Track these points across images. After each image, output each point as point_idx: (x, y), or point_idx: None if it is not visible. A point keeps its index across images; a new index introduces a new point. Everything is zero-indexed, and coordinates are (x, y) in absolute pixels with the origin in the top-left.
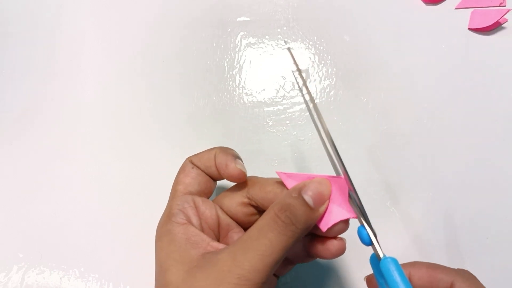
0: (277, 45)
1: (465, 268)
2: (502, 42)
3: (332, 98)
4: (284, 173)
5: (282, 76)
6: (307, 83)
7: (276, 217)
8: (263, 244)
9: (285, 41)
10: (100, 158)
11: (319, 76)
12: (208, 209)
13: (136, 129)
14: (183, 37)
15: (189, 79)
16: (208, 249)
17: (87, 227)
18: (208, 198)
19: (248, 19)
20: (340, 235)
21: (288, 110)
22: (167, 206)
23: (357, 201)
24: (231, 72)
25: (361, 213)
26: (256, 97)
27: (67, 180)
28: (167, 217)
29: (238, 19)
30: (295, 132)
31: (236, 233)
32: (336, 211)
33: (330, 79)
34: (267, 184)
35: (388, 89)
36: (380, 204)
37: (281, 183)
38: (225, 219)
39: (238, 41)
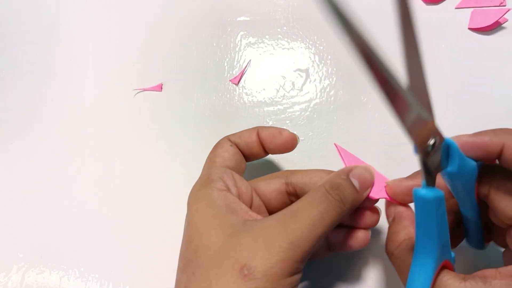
0: (277, 45)
1: None
2: (502, 42)
3: (332, 98)
4: (341, 147)
5: (282, 76)
6: (308, 83)
7: (327, 193)
8: (314, 215)
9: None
10: (100, 158)
11: (319, 76)
12: (244, 186)
13: (136, 129)
14: (183, 37)
15: (189, 79)
16: (248, 217)
17: (87, 227)
18: None
19: (248, 19)
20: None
21: (288, 110)
22: (203, 174)
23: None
24: (231, 72)
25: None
26: (256, 97)
27: (67, 180)
28: (206, 182)
29: (238, 19)
30: (295, 132)
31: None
32: (378, 191)
33: (330, 79)
34: (310, 171)
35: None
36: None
37: (324, 171)
38: (257, 201)
39: (238, 41)
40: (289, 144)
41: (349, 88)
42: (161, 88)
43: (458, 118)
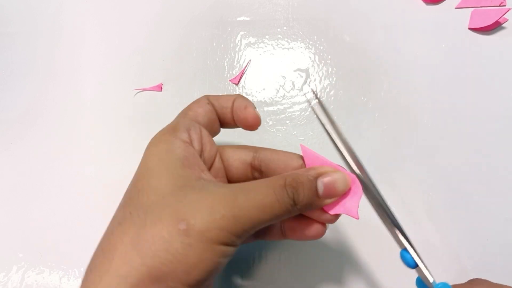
0: (277, 45)
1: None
2: (502, 41)
3: (332, 98)
4: (307, 148)
5: (282, 76)
6: (308, 83)
7: (283, 186)
8: (266, 201)
9: (313, 92)
10: (100, 158)
11: (319, 75)
12: (209, 144)
13: (136, 129)
14: (183, 37)
15: (189, 79)
16: (202, 176)
17: (87, 227)
18: None
19: (248, 18)
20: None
21: (288, 110)
22: (172, 122)
23: (394, 223)
24: (231, 72)
25: (402, 233)
26: (256, 97)
27: (67, 180)
28: (171, 130)
29: (238, 19)
30: (295, 132)
31: (222, 182)
32: (347, 204)
33: (330, 79)
34: (281, 151)
35: (388, 89)
36: None
37: (295, 154)
38: (218, 164)
39: (238, 41)
40: (250, 121)
41: (349, 88)
42: (161, 88)
43: (458, 118)
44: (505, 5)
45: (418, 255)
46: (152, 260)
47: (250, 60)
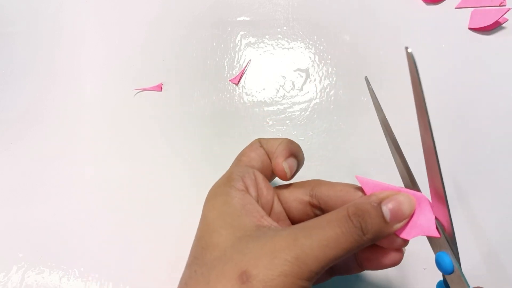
0: (277, 45)
1: None
2: (502, 41)
3: (332, 98)
4: (364, 178)
5: (282, 76)
6: (308, 83)
7: (348, 217)
8: (329, 236)
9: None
10: (99, 158)
11: (319, 75)
12: (265, 188)
13: (136, 129)
14: (183, 37)
15: (189, 79)
16: (262, 222)
17: (87, 227)
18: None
19: (248, 18)
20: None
21: (288, 110)
22: (227, 172)
23: (449, 228)
24: (231, 72)
25: (446, 239)
26: (256, 97)
27: (67, 180)
28: (226, 180)
29: (238, 19)
30: (295, 132)
31: (285, 225)
32: (420, 223)
33: (330, 79)
34: (337, 184)
35: (388, 89)
36: None
37: (352, 185)
38: (278, 207)
39: (238, 41)
40: (276, 173)
41: (349, 88)
42: (161, 88)
43: (458, 118)
44: (505, 5)
45: (458, 259)
46: None
47: (250, 60)
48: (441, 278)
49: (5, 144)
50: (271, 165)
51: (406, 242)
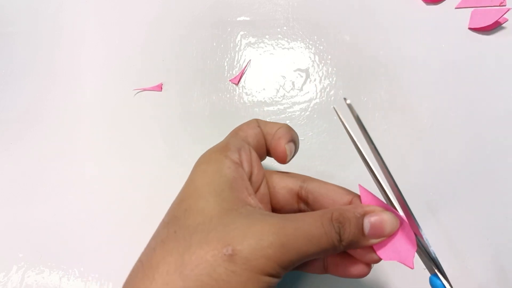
0: (277, 45)
1: None
2: (502, 41)
3: (332, 98)
4: (365, 189)
5: (282, 76)
6: (308, 83)
7: (331, 221)
8: (314, 233)
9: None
10: (99, 158)
11: (319, 75)
12: (257, 168)
13: (136, 129)
14: (183, 37)
15: (189, 79)
16: (249, 200)
17: (87, 227)
18: None
19: (248, 18)
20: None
21: (288, 110)
22: (223, 141)
23: (425, 247)
24: (231, 72)
25: (432, 260)
26: (256, 97)
27: (67, 180)
28: (222, 149)
29: (238, 19)
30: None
31: (266, 209)
32: (400, 250)
33: (330, 79)
34: (330, 184)
35: (388, 89)
36: None
37: (344, 188)
38: (264, 189)
39: (238, 41)
40: (276, 154)
41: (349, 88)
42: (161, 88)
43: (458, 118)
44: (505, 5)
45: (449, 282)
46: (194, 284)
47: (250, 60)
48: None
49: (5, 144)
50: (270, 146)
51: (378, 259)
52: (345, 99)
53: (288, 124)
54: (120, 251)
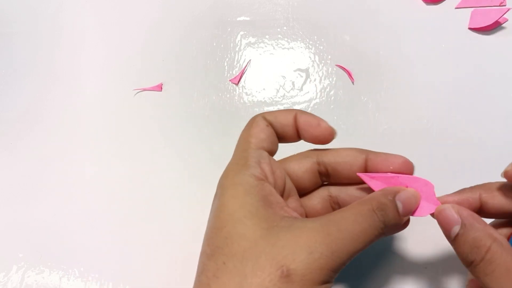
0: (277, 45)
1: None
2: (502, 41)
3: (332, 98)
4: (366, 174)
5: (282, 76)
6: (308, 83)
7: (373, 212)
8: (359, 230)
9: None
10: (99, 158)
11: (319, 75)
12: (278, 170)
13: (136, 129)
14: (183, 37)
15: (189, 79)
16: (283, 213)
17: (87, 227)
18: None
19: (248, 18)
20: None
21: None
22: (237, 157)
23: None
24: (231, 72)
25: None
26: (256, 97)
27: (67, 180)
28: (242, 167)
29: (238, 19)
30: None
31: (294, 200)
32: (427, 203)
33: (330, 79)
34: (341, 149)
35: (388, 88)
36: None
37: (356, 149)
38: (289, 183)
39: (238, 41)
40: (325, 137)
41: (349, 88)
42: (161, 88)
43: (458, 118)
44: (505, 5)
45: None
46: None
47: (250, 60)
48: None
49: (5, 144)
50: (307, 134)
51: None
52: None
53: None
54: (120, 251)
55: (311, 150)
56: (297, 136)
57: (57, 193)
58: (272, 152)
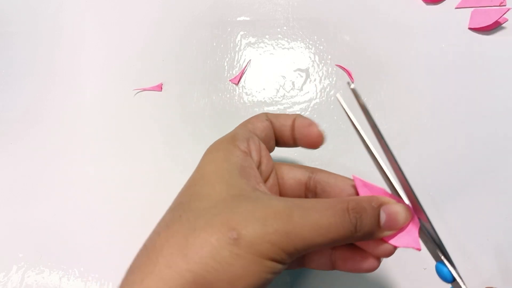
0: (277, 45)
1: None
2: (502, 41)
3: (332, 98)
4: (360, 179)
5: (282, 76)
6: (307, 83)
7: (346, 210)
8: (323, 222)
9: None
10: (99, 158)
11: (319, 75)
12: (266, 158)
13: (136, 129)
14: (183, 37)
15: (189, 79)
16: (257, 188)
17: (87, 227)
18: None
19: (248, 18)
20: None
21: (288, 110)
22: (231, 132)
23: (433, 234)
24: (231, 72)
25: (438, 247)
26: (256, 97)
27: (67, 180)
28: (230, 138)
29: (238, 19)
30: None
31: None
32: (408, 236)
33: (330, 79)
34: (338, 175)
35: (388, 89)
36: None
37: (351, 181)
38: (273, 180)
39: (238, 41)
40: (313, 138)
41: (349, 88)
42: (161, 88)
43: (458, 118)
44: (505, 5)
45: (455, 269)
46: (197, 266)
47: (250, 60)
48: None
49: (5, 144)
50: (298, 134)
51: (391, 252)
52: (348, 83)
53: None
54: (120, 251)
55: (309, 166)
56: (293, 139)
57: (57, 193)
58: (266, 144)
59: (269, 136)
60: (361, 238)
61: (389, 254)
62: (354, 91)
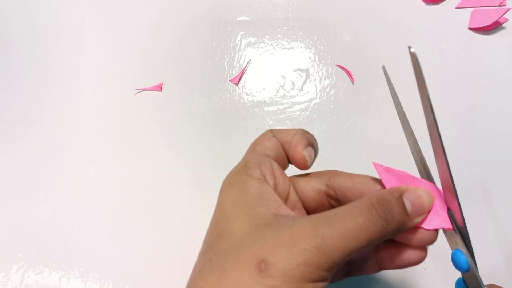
0: (277, 45)
1: None
2: (502, 41)
3: (332, 98)
4: (381, 165)
5: (282, 76)
6: (308, 83)
7: (372, 206)
8: (351, 225)
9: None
10: (99, 158)
11: (319, 75)
12: (281, 177)
13: (136, 129)
14: (183, 37)
15: (189, 79)
16: (280, 211)
17: (87, 227)
18: None
19: (248, 18)
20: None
21: (288, 110)
22: (241, 160)
23: (460, 221)
24: (231, 72)
25: (460, 235)
26: (256, 97)
27: (67, 180)
28: (242, 168)
29: (238, 19)
30: None
31: (301, 214)
32: (437, 217)
33: (330, 79)
34: (354, 175)
35: (388, 89)
36: None
37: (370, 177)
38: (293, 196)
39: (238, 41)
40: (295, 161)
41: (349, 88)
42: (161, 88)
43: (458, 118)
44: (505, 5)
45: (474, 258)
46: None
47: (250, 60)
48: (457, 277)
49: (5, 144)
50: (288, 154)
51: (433, 237)
52: (409, 47)
53: (288, 124)
54: (120, 251)
55: (325, 171)
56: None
57: (57, 193)
58: (279, 162)
59: (279, 153)
60: (395, 230)
61: (431, 239)
62: (413, 56)
